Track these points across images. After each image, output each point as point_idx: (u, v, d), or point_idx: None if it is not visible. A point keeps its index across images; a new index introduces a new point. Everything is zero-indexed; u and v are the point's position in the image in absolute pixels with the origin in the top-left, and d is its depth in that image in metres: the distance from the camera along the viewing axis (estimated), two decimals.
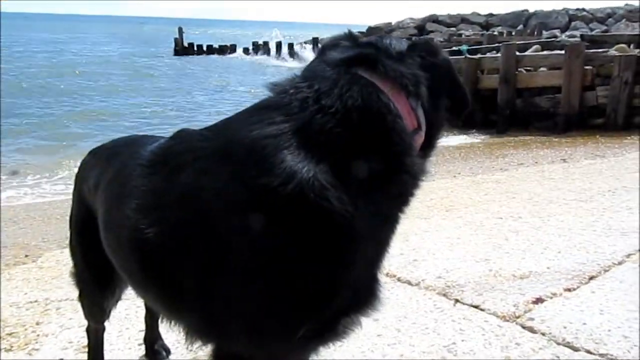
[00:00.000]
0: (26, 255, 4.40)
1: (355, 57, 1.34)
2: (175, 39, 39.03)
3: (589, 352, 2.32)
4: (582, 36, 15.55)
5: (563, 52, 11.54)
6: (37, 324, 2.80)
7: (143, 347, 2.44)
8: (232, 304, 1.24)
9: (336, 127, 1.21)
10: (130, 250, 1.44)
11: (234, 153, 1.24)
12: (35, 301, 3.12)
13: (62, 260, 3.89)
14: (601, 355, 2.30)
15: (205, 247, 1.24)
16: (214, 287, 1.25)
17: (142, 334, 2.45)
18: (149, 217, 1.34)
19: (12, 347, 2.55)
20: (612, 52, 11.43)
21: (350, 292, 1.24)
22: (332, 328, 1.27)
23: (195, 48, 37.85)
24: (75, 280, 2.03)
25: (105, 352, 2.27)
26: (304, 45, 38.07)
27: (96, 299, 1.98)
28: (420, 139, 1.36)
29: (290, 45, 39.65)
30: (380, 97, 1.27)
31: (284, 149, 1.18)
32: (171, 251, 1.31)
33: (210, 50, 37.80)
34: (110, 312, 2.05)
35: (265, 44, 40.21)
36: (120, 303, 2.85)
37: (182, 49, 37.55)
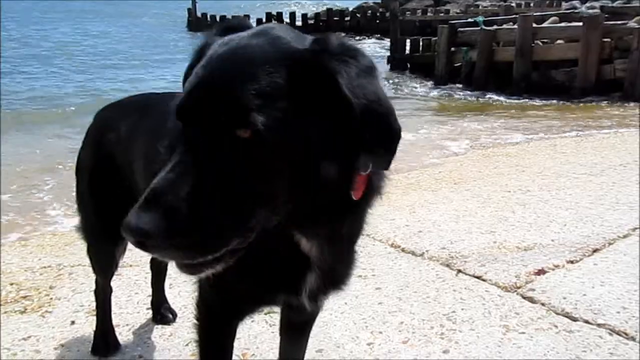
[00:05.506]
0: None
1: None
2: (189, 9, 38.76)
3: (587, 322, 2.36)
4: (602, 7, 15.17)
5: (581, 24, 11.30)
6: (51, 287, 2.89)
7: (151, 311, 2.52)
8: None
9: None
10: None
11: None
12: (49, 266, 3.21)
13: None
14: (599, 325, 2.33)
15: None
16: None
17: (150, 299, 2.53)
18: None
19: (26, 309, 2.64)
20: (632, 24, 11.16)
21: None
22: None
23: (209, 19, 37.56)
24: (85, 233, 2.07)
25: (114, 316, 2.36)
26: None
27: (108, 247, 1.98)
28: None
29: (304, 16, 39.18)
30: None
31: None
32: None
33: (224, 21, 37.61)
34: (118, 263, 2.08)
35: (279, 14, 39.78)
36: (129, 269, 2.96)
37: (196, 20, 37.34)
